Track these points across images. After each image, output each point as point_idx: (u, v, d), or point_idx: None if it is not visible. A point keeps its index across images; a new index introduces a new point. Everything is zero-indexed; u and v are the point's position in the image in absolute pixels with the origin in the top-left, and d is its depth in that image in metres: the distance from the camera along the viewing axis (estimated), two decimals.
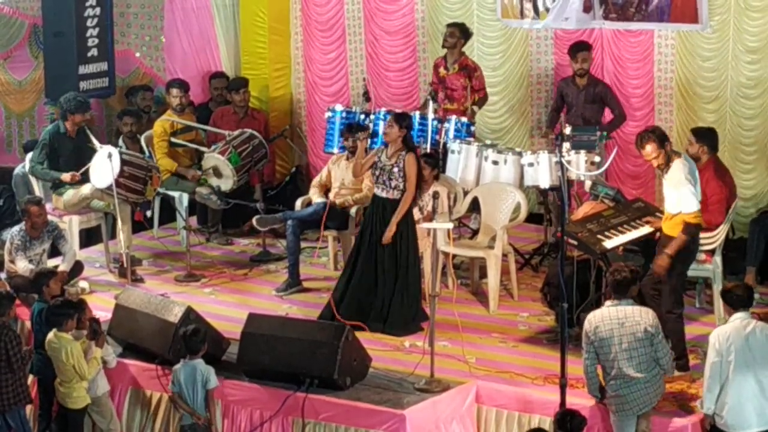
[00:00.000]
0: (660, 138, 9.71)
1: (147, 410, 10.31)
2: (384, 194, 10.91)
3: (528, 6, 13.45)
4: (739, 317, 8.96)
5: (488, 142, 12.86)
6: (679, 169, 9.68)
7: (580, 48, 12.75)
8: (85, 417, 10.01)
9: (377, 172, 10.93)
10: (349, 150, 12.23)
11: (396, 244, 10.86)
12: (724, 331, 8.90)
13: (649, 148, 9.70)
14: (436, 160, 12.06)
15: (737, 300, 9.02)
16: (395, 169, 10.84)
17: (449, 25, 13.19)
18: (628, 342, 8.95)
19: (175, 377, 9.62)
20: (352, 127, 12.25)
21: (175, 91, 13.33)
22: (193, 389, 9.56)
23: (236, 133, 13.12)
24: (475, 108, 13.06)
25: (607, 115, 12.79)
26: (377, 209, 10.97)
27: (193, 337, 9.64)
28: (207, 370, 9.58)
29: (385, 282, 10.89)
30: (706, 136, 10.90)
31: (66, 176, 12.22)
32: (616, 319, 8.99)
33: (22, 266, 11.33)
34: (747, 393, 8.83)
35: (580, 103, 12.51)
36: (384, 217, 10.91)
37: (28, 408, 10.21)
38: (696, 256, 10.17)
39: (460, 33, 13.12)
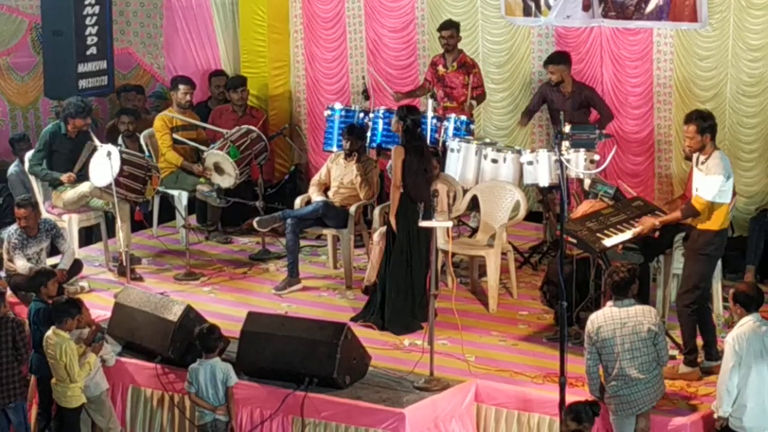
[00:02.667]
0: (705, 127, 9.66)
1: (149, 408, 10.31)
2: None
3: (530, 3, 13.45)
4: (751, 319, 8.92)
5: (488, 140, 12.87)
6: (718, 158, 9.66)
7: (548, 61, 12.72)
8: (85, 416, 10.02)
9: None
10: (346, 152, 12.23)
11: (406, 242, 10.88)
12: (741, 333, 8.85)
13: (692, 128, 9.67)
14: (438, 156, 12.05)
15: (751, 301, 8.97)
16: (390, 162, 10.94)
17: (445, 28, 13.14)
18: (630, 342, 8.95)
19: (192, 377, 9.63)
20: (353, 131, 12.23)
21: (183, 87, 13.26)
22: (214, 388, 9.60)
23: (233, 130, 13.13)
24: (474, 102, 13.05)
25: (594, 116, 12.78)
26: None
27: (210, 335, 9.68)
28: (226, 368, 9.64)
29: (390, 279, 10.92)
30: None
31: (64, 177, 12.23)
32: (619, 319, 8.99)
33: (21, 265, 11.32)
34: (766, 395, 8.80)
35: (568, 109, 12.44)
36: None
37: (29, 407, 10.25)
38: (721, 255, 10.16)
39: (457, 31, 13.14)
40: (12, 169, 13.35)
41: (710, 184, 9.61)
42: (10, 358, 9.76)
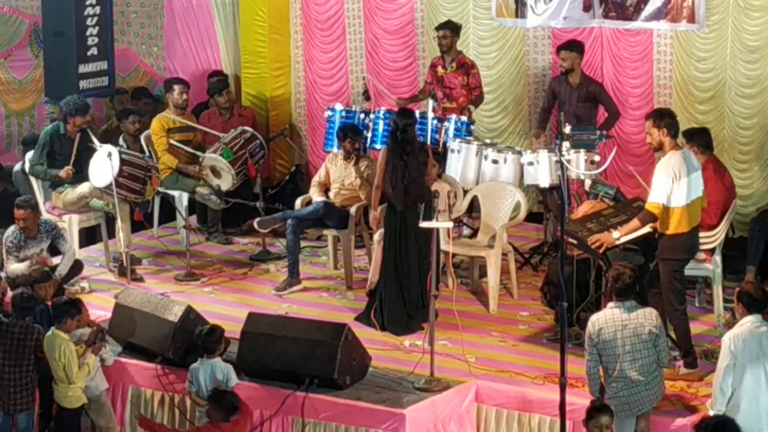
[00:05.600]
0: (658, 120, 9.71)
1: (150, 409, 10.31)
2: None
3: (522, 5, 13.45)
4: (750, 320, 8.89)
5: (488, 141, 12.87)
6: (664, 159, 9.69)
7: (562, 47, 12.76)
8: (84, 416, 10.02)
9: None
10: (348, 152, 12.22)
11: (394, 245, 10.89)
12: (739, 334, 8.83)
13: (648, 123, 9.76)
14: (439, 156, 12.07)
15: (754, 302, 8.94)
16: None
17: (439, 28, 13.19)
18: (631, 344, 8.94)
19: (193, 377, 9.65)
20: (347, 131, 12.22)
21: (178, 88, 13.28)
22: (214, 388, 9.59)
23: (228, 134, 13.15)
24: (472, 107, 13.07)
25: (602, 115, 12.76)
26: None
27: (209, 336, 9.69)
28: (227, 369, 9.65)
29: (389, 280, 10.93)
30: (695, 137, 10.87)
31: (62, 172, 12.22)
32: (620, 321, 8.98)
33: (11, 269, 11.28)
34: (760, 396, 8.81)
35: (573, 101, 12.50)
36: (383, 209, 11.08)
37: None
38: (694, 256, 10.17)
39: (451, 32, 13.15)
40: (18, 167, 13.38)
41: (655, 187, 9.64)
42: (32, 366, 9.77)
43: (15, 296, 10.09)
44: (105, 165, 11.94)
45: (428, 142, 12.41)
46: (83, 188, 12.26)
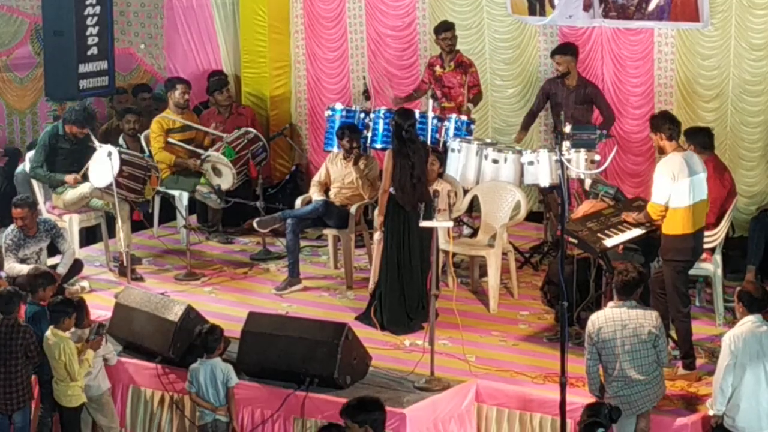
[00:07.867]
0: (654, 126, 9.81)
1: (149, 409, 10.31)
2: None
3: (535, 2, 13.45)
4: (751, 319, 8.91)
5: (488, 140, 12.87)
6: (662, 161, 9.74)
7: (556, 51, 12.74)
8: (86, 415, 10.02)
9: None
10: (347, 150, 12.22)
11: (396, 245, 10.89)
12: (739, 333, 8.85)
13: (650, 127, 9.89)
14: (440, 155, 12.06)
15: (754, 302, 8.95)
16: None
17: (444, 30, 13.12)
18: (631, 344, 8.94)
19: (193, 377, 9.64)
20: (344, 130, 12.22)
21: (180, 87, 13.27)
22: (214, 388, 9.60)
23: (232, 133, 13.14)
24: (471, 105, 13.06)
25: (597, 117, 12.76)
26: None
27: (209, 336, 9.68)
28: (227, 368, 9.64)
29: (390, 279, 10.93)
30: (694, 136, 10.88)
31: (69, 178, 12.23)
32: (620, 321, 8.97)
33: (8, 267, 11.27)
34: (760, 396, 8.81)
35: (570, 103, 12.47)
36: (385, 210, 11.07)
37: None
38: (698, 258, 10.16)
39: (454, 31, 13.13)
40: (21, 168, 13.38)
41: (654, 187, 9.71)
42: (22, 366, 9.76)
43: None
44: (105, 165, 11.94)
45: (428, 142, 12.41)
46: (83, 188, 12.26)
